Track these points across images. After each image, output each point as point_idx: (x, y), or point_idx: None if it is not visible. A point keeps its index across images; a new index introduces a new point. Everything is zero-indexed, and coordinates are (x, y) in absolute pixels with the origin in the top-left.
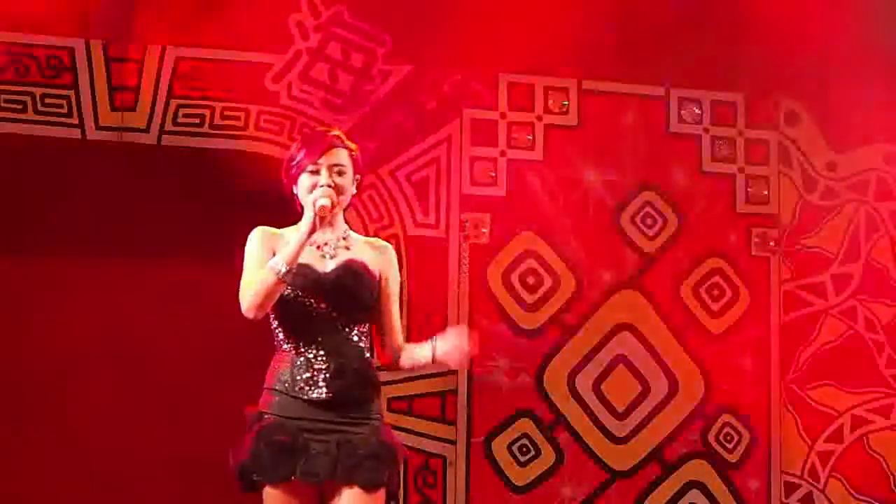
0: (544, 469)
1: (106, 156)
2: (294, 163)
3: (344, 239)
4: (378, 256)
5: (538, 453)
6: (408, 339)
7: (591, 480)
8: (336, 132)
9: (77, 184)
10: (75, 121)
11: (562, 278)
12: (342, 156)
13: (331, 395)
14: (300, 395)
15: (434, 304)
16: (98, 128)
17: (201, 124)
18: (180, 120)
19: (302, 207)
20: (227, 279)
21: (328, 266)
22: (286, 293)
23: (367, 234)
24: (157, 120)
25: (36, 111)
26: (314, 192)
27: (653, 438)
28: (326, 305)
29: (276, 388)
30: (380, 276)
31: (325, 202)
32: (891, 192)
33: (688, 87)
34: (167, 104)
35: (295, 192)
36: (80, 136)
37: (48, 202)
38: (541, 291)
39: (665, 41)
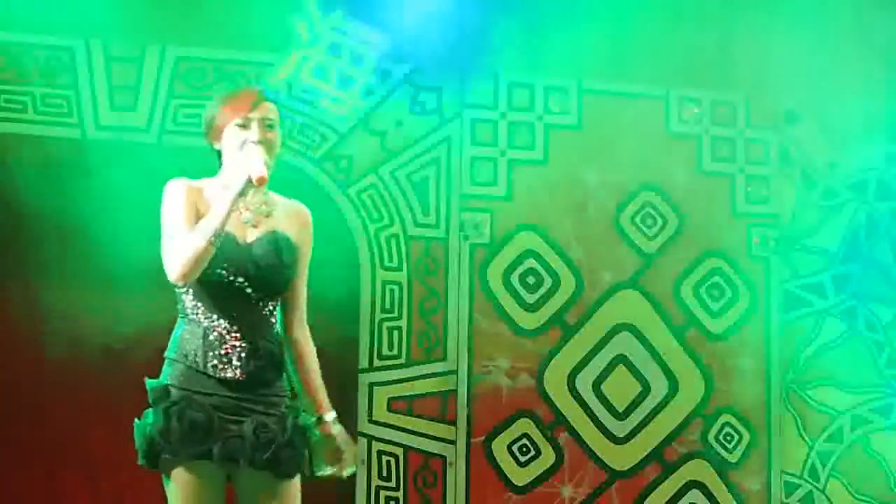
0: (544, 469)
1: (106, 156)
2: (219, 117)
3: (265, 204)
4: (298, 227)
5: (538, 453)
6: (409, 340)
7: (591, 480)
8: (261, 88)
9: (77, 184)
10: (75, 121)
11: (562, 278)
12: (272, 109)
13: (244, 376)
14: (211, 373)
15: (434, 304)
16: (98, 128)
17: (201, 124)
18: (180, 120)
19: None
20: None
21: (250, 236)
22: None
23: (366, 234)
24: (157, 120)
25: (36, 111)
26: (250, 155)
27: (653, 438)
28: (245, 280)
29: (185, 362)
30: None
31: (264, 173)
32: (891, 192)
33: (688, 87)
34: (167, 104)
35: (217, 147)
36: (79, 136)
37: (48, 202)
38: (541, 291)
39: (665, 41)
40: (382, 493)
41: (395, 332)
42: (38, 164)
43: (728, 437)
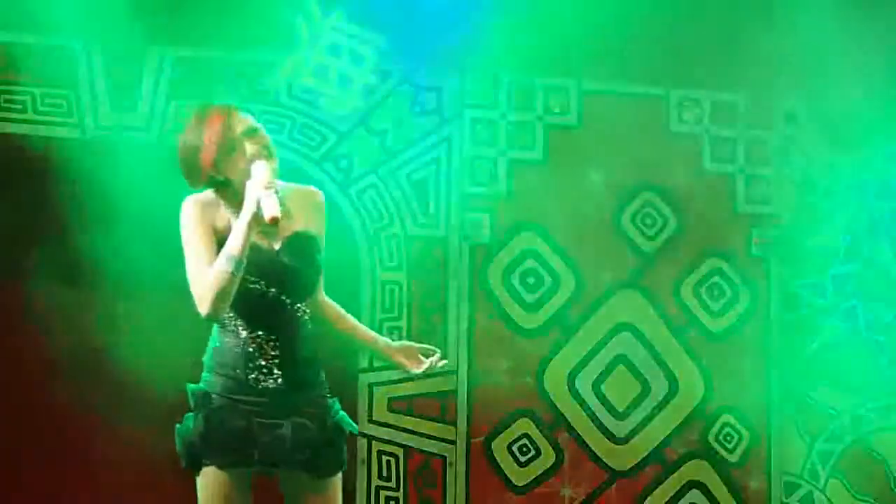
0: (544, 469)
1: (106, 156)
2: (202, 156)
3: (281, 205)
4: (314, 213)
5: (538, 453)
6: (409, 340)
7: (591, 480)
8: (218, 105)
9: (77, 184)
10: (75, 121)
11: (562, 278)
12: (244, 118)
13: (284, 385)
14: (252, 384)
15: (434, 304)
16: (98, 128)
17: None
18: (180, 120)
19: (208, 177)
20: None
21: (274, 243)
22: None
23: (366, 234)
24: (157, 120)
25: (36, 111)
26: (257, 181)
27: (653, 438)
28: (278, 289)
29: (224, 373)
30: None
31: (276, 213)
32: (891, 192)
33: (688, 87)
34: (167, 104)
35: (218, 177)
36: (79, 136)
37: (48, 202)
38: (541, 291)
39: (665, 41)
40: (382, 493)
41: (395, 332)
42: (38, 164)
43: (728, 437)
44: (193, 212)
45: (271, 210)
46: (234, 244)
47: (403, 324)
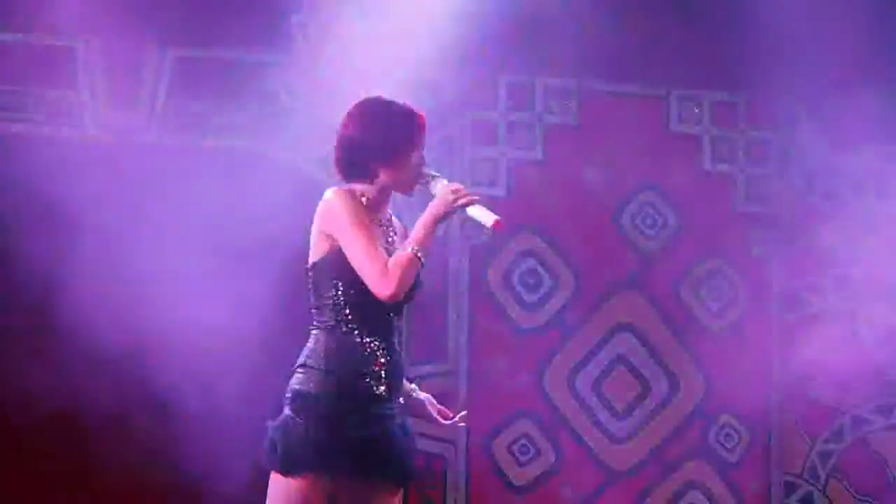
0: (544, 469)
1: (106, 156)
2: (402, 144)
3: (392, 221)
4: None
5: (538, 453)
6: (409, 340)
7: (591, 480)
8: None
9: (77, 184)
10: (75, 121)
11: (562, 278)
12: None
13: (390, 392)
14: (364, 390)
15: (434, 304)
16: (98, 128)
17: (201, 124)
18: (180, 120)
19: (368, 169)
20: (228, 280)
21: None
22: (360, 279)
23: None
24: (157, 120)
25: (36, 111)
26: (464, 197)
27: (653, 438)
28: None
29: (335, 375)
30: None
31: (499, 217)
32: (891, 192)
33: (688, 87)
34: (167, 104)
35: (380, 172)
36: (79, 136)
37: (48, 202)
38: (541, 291)
39: (665, 41)
40: None
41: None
42: (38, 164)
43: (728, 437)
44: (352, 202)
45: (494, 215)
46: (424, 236)
47: (403, 324)
